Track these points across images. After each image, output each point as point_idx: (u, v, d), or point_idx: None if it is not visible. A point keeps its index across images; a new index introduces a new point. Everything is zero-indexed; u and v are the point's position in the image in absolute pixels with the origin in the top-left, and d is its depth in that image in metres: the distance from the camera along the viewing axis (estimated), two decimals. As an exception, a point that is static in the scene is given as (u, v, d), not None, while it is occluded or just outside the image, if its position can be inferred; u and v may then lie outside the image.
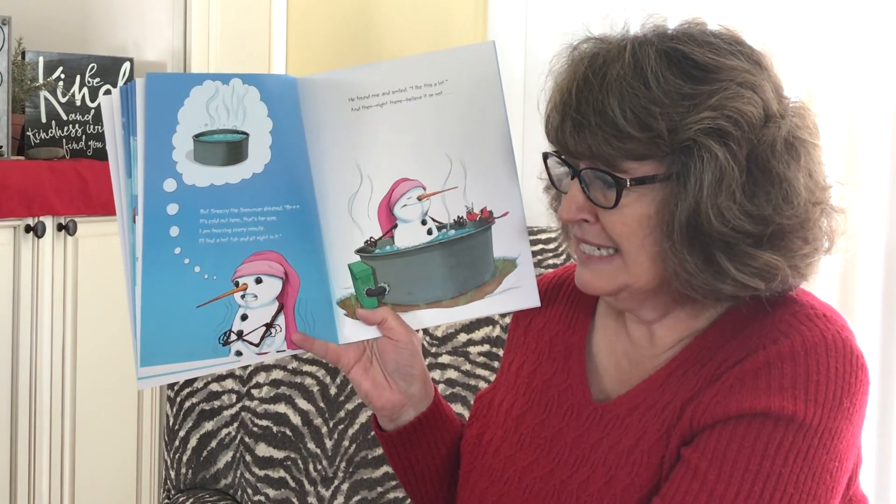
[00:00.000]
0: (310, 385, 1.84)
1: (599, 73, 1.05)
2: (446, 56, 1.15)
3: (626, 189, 1.05)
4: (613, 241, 1.08)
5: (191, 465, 1.83)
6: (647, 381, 1.12)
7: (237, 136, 1.08)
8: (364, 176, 1.14)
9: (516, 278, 1.19)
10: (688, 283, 1.06)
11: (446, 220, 1.17)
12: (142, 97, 1.04)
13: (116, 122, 1.09)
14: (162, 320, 1.09)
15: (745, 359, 1.05)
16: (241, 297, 1.12)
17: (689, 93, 1.03)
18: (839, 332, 1.05)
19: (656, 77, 1.03)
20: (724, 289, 1.05)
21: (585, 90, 1.05)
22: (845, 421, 1.02)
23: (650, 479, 1.06)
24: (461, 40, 2.71)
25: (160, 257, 1.07)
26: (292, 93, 1.11)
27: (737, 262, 1.04)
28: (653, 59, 1.04)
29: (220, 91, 1.07)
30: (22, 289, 2.42)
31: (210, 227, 1.09)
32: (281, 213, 1.11)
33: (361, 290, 1.16)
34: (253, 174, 1.10)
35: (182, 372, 1.11)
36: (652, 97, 1.03)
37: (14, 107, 2.49)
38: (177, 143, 1.06)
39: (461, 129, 1.15)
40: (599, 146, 1.05)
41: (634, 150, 1.04)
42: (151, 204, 1.06)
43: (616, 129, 1.03)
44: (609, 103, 1.03)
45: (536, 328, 1.27)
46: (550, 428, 1.17)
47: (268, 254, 1.12)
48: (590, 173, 1.07)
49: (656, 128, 1.02)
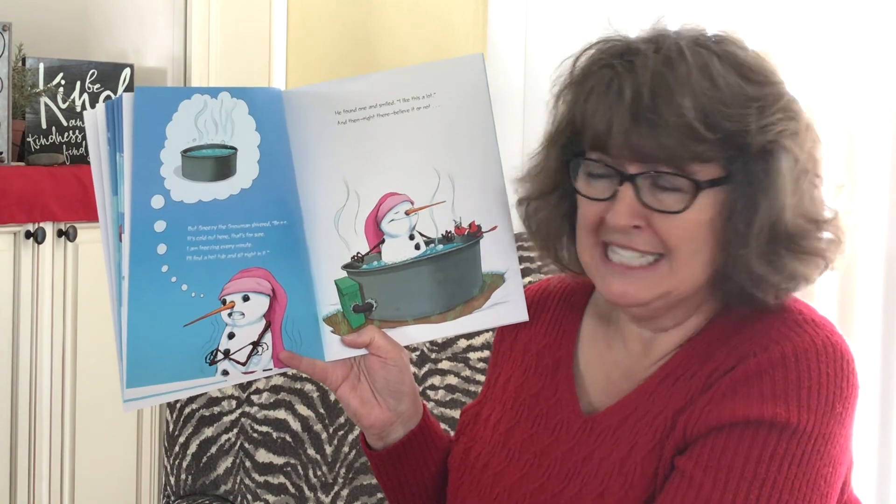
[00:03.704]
0: (309, 391, 1.84)
1: (670, 73, 1.03)
2: (434, 68, 1.14)
3: (701, 191, 1.03)
4: (666, 247, 1.05)
5: (191, 471, 1.83)
6: (637, 391, 1.11)
7: (225, 151, 1.06)
8: (351, 190, 1.13)
9: (504, 293, 1.18)
10: (757, 284, 1.05)
11: (434, 235, 1.16)
12: (129, 112, 1.02)
13: (101, 138, 1.06)
14: (148, 340, 1.07)
15: (737, 366, 1.05)
16: (229, 315, 1.10)
17: (753, 95, 1.03)
18: (829, 337, 1.05)
19: (723, 78, 1.03)
20: (770, 281, 1.06)
21: (663, 90, 1.02)
22: (838, 425, 1.02)
23: (644, 490, 1.06)
24: (461, 48, 2.71)
25: (147, 276, 1.05)
26: (278, 106, 1.09)
27: (796, 257, 1.06)
28: (715, 60, 1.04)
29: (209, 105, 1.05)
30: (22, 295, 2.42)
31: (198, 245, 1.07)
32: (268, 229, 1.10)
33: (348, 306, 1.15)
34: (241, 190, 1.08)
35: (168, 393, 1.09)
36: (722, 98, 1.02)
37: (14, 113, 2.50)
38: (165, 159, 1.03)
39: (449, 143, 1.14)
40: (674, 148, 1.02)
41: (704, 152, 1.02)
42: (139, 221, 1.04)
43: (692, 130, 1.01)
44: (682, 104, 1.01)
45: (522, 342, 1.25)
46: (539, 442, 1.16)
47: (255, 271, 1.10)
48: (650, 177, 1.04)
49: (727, 129, 1.02)
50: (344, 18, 2.95)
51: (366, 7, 2.90)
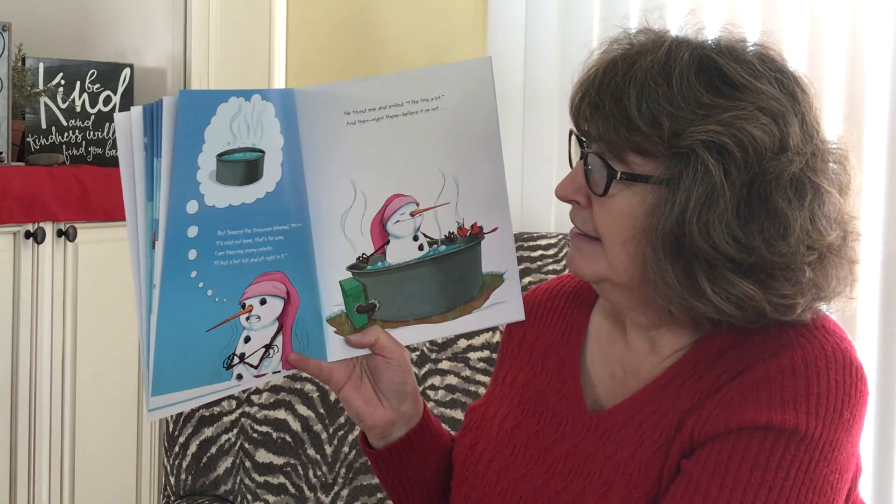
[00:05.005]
0: (309, 391, 1.84)
1: (628, 62, 1.05)
2: (443, 71, 1.14)
3: (615, 181, 1.05)
4: (597, 232, 1.08)
5: (190, 471, 1.83)
6: (644, 391, 1.11)
7: (254, 155, 1.05)
8: (358, 191, 1.13)
9: (503, 293, 1.19)
10: (665, 295, 1.05)
11: (437, 236, 1.16)
12: (171, 115, 0.99)
13: (136, 143, 1.03)
14: (174, 347, 1.05)
15: (745, 371, 1.05)
16: (246, 319, 1.09)
17: (706, 102, 1.02)
18: (838, 344, 1.05)
19: (681, 78, 1.03)
20: (699, 308, 1.04)
21: (610, 74, 1.05)
22: (845, 433, 1.02)
23: (648, 490, 1.06)
24: (461, 48, 2.71)
25: (177, 282, 1.03)
26: (293, 107, 1.08)
27: (715, 284, 1.02)
28: (685, 60, 1.04)
29: (243, 108, 1.03)
30: (22, 295, 2.42)
31: (224, 249, 1.06)
32: (287, 232, 1.09)
33: (352, 307, 1.15)
34: (266, 193, 1.07)
35: (189, 400, 1.08)
36: (669, 96, 1.02)
37: (14, 113, 2.50)
38: (202, 164, 1.01)
39: (455, 144, 1.15)
40: (608, 131, 1.04)
41: (640, 144, 1.03)
42: (174, 227, 1.01)
43: (627, 118, 1.03)
44: (627, 92, 1.03)
45: (530, 340, 1.26)
46: (544, 439, 1.17)
47: (274, 274, 1.10)
48: (594, 157, 1.07)
49: (663, 126, 1.02)
50: (344, 18, 2.95)
51: (366, 7, 2.90)
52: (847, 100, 2.18)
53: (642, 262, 1.05)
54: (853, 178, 1.09)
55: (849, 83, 2.18)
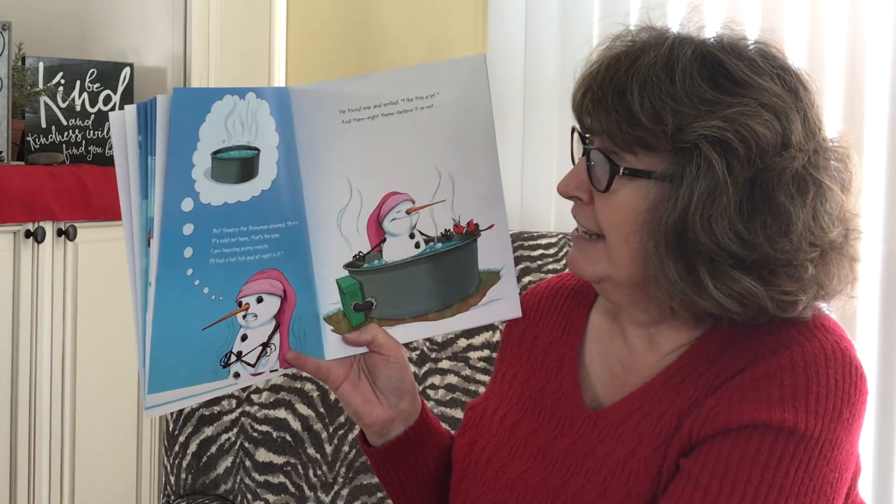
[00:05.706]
0: (310, 390, 1.84)
1: (631, 57, 1.05)
2: (437, 68, 1.15)
3: (617, 176, 1.05)
4: (600, 228, 1.08)
5: (190, 471, 1.83)
6: (643, 389, 1.11)
7: (250, 153, 1.06)
8: (354, 190, 1.13)
9: (499, 290, 1.20)
10: (667, 290, 1.05)
11: (434, 234, 1.17)
12: (166, 113, 1.00)
13: (130, 142, 1.03)
14: (170, 345, 1.06)
15: (745, 369, 1.05)
16: (243, 318, 1.10)
17: (709, 98, 1.02)
18: (838, 343, 1.05)
19: (684, 74, 1.03)
20: (700, 304, 1.04)
21: (613, 69, 1.06)
22: (845, 431, 1.02)
23: (647, 489, 1.06)
24: (461, 48, 2.71)
25: (173, 280, 1.04)
26: (288, 105, 1.09)
27: (717, 280, 1.02)
28: (688, 56, 1.04)
29: (238, 106, 1.04)
30: (22, 294, 2.42)
31: (220, 247, 1.06)
32: (283, 230, 1.10)
33: (349, 305, 1.15)
34: (261, 191, 1.07)
35: (187, 398, 1.09)
36: (672, 92, 1.03)
37: (14, 112, 2.50)
38: (196, 161, 1.02)
39: (451, 142, 1.15)
40: (611, 126, 1.05)
41: (642, 139, 1.03)
42: (169, 225, 1.02)
43: (630, 113, 1.03)
44: (630, 87, 1.04)
45: (530, 338, 1.26)
46: (544, 436, 1.17)
47: (270, 272, 1.10)
48: (596, 153, 1.07)
49: (666, 122, 1.02)
50: (344, 18, 2.95)
51: (366, 7, 2.90)
52: (847, 98, 2.18)
53: (644, 257, 1.05)
54: (855, 175, 1.09)
55: (849, 81, 2.18)
